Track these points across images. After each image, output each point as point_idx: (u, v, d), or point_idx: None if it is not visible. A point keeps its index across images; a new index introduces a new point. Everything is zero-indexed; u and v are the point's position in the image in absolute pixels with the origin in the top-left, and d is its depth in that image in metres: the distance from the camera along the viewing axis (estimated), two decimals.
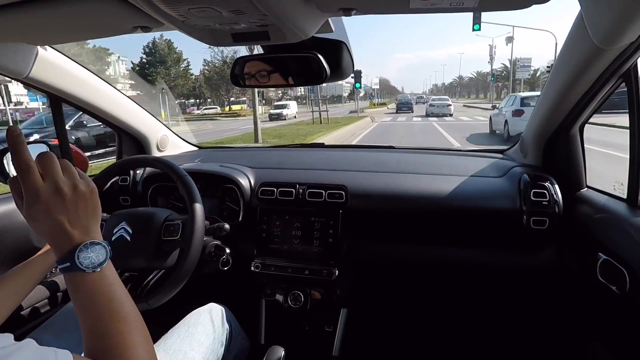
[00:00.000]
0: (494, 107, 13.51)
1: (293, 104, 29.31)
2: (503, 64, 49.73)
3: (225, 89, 37.17)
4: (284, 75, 0.85)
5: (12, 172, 1.24)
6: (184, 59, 36.13)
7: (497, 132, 10.15)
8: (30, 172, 0.47)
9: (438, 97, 28.74)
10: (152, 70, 33.24)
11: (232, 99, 39.52)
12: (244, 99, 37.74)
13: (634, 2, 0.61)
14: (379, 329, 1.41)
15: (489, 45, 34.55)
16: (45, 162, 0.48)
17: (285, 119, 23.89)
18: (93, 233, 0.52)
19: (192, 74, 38.71)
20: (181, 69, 36.08)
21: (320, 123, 16.08)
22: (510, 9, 0.63)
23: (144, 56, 34.33)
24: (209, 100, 41.86)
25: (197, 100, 42.63)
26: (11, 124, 7.64)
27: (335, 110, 32.98)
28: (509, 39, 29.18)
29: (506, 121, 9.23)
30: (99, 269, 0.49)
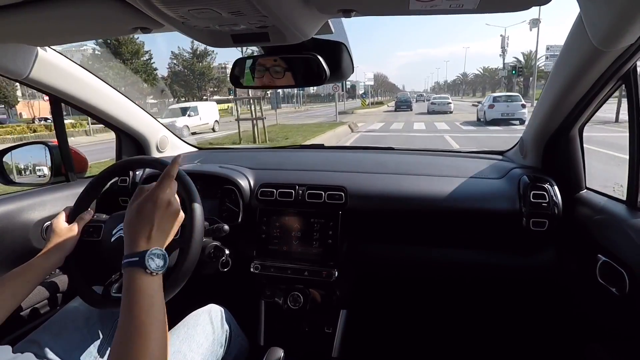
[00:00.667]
0: (478, 103, 19.83)
1: (207, 107, 17.65)
2: (515, 58, 44.32)
3: (197, 85, 33.85)
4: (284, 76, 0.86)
5: (15, 174, 1.24)
6: (146, 52, 29.75)
7: (480, 119, 15.90)
8: (167, 181, 0.66)
9: (439, 96, 30.22)
10: (103, 64, 27.15)
11: (204, 97, 34.99)
12: (230, 97, 32.79)
13: (633, 4, 0.61)
14: (379, 331, 1.41)
15: (501, 35, 32.63)
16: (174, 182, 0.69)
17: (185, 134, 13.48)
18: (163, 245, 0.64)
19: (155, 69, 32.06)
20: (141, 62, 29.51)
21: (254, 141, 9.20)
22: (510, 10, 0.63)
23: (97, 47, 28.74)
24: (182, 98, 36.42)
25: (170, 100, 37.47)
26: None
27: (324, 111, 30.28)
28: (534, 22, 22.90)
29: (484, 112, 15.20)
30: (155, 274, 0.59)
